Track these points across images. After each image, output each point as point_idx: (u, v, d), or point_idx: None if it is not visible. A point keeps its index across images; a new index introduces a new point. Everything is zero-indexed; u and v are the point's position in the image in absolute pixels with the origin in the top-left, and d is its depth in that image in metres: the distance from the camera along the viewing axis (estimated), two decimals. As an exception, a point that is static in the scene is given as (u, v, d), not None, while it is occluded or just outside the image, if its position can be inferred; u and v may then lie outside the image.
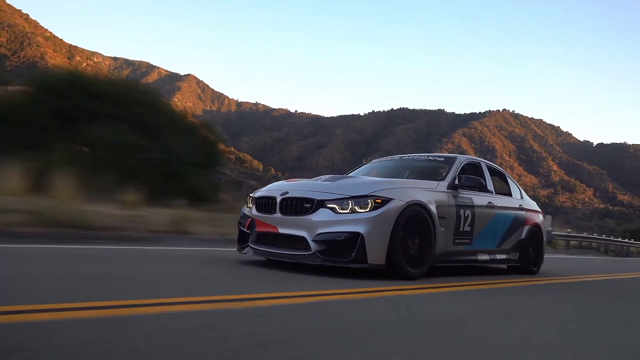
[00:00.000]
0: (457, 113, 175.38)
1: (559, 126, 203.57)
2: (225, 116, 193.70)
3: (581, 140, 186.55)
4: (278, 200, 4.13)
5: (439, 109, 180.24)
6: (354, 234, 3.81)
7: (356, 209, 3.89)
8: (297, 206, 4.03)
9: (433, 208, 4.33)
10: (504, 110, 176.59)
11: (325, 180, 4.43)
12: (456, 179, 4.91)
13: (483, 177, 5.44)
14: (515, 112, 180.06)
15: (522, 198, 6.28)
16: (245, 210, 4.60)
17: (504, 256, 5.64)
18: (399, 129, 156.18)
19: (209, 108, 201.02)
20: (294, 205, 4.05)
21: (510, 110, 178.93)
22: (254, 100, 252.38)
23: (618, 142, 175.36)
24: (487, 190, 5.43)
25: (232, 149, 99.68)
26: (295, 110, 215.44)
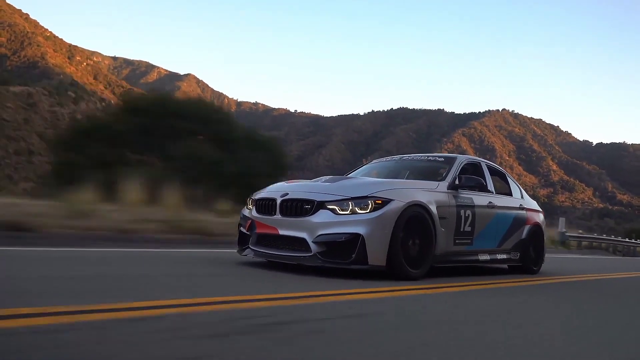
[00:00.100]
0: (457, 113, 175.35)
1: (558, 126, 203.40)
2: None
3: (581, 139, 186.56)
4: (278, 202, 4.14)
5: (439, 109, 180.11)
6: (355, 235, 3.81)
7: (356, 210, 3.89)
8: (297, 207, 4.03)
9: (433, 208, 4.34)
10: (504, 110, 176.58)
11: (325, 181, 4.44)
12: (456, 179, 4.91)
13: (483, 177, 5.44)
14: (515, 112, 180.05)
15: (523, 197, 6.29)
16: (245, 211, 4.60)
17: (505, 256, 5.64)
18: (398, 129, 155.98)
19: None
20: (294, 207, 4.05)
21: (510, 110, 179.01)
22: (254, 100, 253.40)
23: (617, 142, 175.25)
24: (488, 190, 5.43)
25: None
26: (295, 110, 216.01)
